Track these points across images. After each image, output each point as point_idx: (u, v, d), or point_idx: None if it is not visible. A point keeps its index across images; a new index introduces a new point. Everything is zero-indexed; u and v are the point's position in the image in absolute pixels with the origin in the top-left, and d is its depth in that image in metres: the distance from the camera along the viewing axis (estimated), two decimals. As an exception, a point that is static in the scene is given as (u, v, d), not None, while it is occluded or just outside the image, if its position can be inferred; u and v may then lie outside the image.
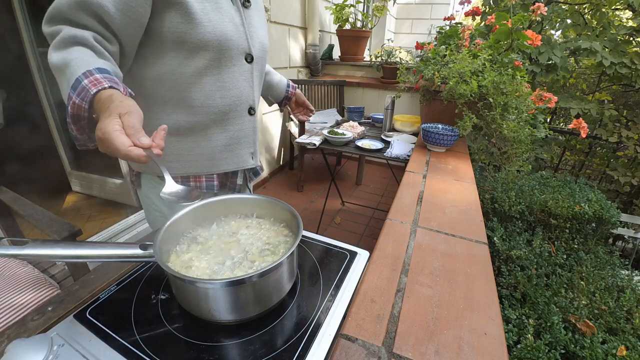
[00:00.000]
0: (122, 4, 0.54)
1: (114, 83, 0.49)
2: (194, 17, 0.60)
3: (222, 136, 0.77)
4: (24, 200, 1.11)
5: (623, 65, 1.84)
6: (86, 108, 0.48)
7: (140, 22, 0.58)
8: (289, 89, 1.09)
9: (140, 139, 0.43)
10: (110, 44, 0.58)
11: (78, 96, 0.47)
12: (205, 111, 0.72)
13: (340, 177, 3.20)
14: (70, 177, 2.33)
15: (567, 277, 0.95)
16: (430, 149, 1.32)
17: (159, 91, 0.68)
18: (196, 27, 0.61)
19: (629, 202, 2.28)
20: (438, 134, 1.25)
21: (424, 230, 0.71)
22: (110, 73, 0.51)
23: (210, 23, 0.63)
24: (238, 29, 0.69)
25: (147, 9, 0.58)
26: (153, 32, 0.62)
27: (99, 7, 0.52)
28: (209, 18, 0.63)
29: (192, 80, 0.68)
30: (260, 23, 0.77)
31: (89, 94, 0.47)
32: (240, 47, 0.70)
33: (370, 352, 0.42)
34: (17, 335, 0.45)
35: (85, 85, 0.47)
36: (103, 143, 0.43)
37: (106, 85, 0.48)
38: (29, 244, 0.40)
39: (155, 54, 0.65)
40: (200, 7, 0.62)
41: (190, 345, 0.42)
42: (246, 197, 0.62)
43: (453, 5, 4.89)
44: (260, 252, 0.52)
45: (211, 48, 0.65)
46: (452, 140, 1.26)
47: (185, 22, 0.61)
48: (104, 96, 0.47)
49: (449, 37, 1.55)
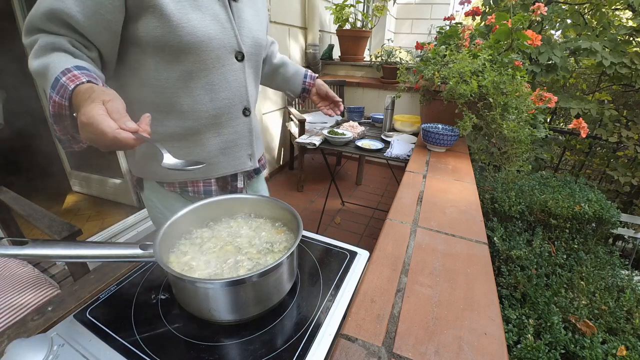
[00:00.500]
0: (91, 12, 0.54)
1: (92, 78, 0.49)
2: (170, 19, 0.57)
3: (216, 140, 0.73)
4: (24, 200, 1.11)
5: (623, 65, 1.84)
6: (66, 105, 0.48)
7: (112, 30, 0.57)
8: (306, 79, 1.01)
9: (126, 122, 0.43)
10: (89, 50, 0.57)
11: (57, 94, 0.47)
12: (196, 116, 0.69)
13: (340, 177, 3.20)
14: (70, 177, 2.33)
15: (567, 277, 0.95)
16: (430, 149, 1.32)
17: (146, 97, 0.66)
18: (174, 30, 0.58)
19: (629, 202, 2.28)
20: (438, 134, 1.24)
21: (424, 230, 0.71)
22: (88, 70, 0.51)
23: (189, 23, 0.59)
24: (224, 26, 0.64)
25: (118, 16, 0.56)
26: (132, 38, 0.60)
27: (67, 16, 0.52)
28: (187, 18, 0.59)
29: (179, 85, 0.65)
30: (253, 16, 0.72)
31: (67, 90, 0.47)
32: (227, 46, 0.66)
33: (370, 352, 0.42)
34: (17, 335, 0.45)
35: (64, 82, 0.47)
36: (88, 128, 0.42)
37: (84, 80, 0.48)
38: (29, 244, 0.40)
39: (139, 60, 0.63)
40: (177, 8, 0.58)
41: (190, 345, 0.42)
42: (246, 197, 0.62)
43: (453, 5, 4.89)
44: (260, 252, 0.52)
45: (194, 50, 0.61)
46: (452, 140, 1.26)
47: (162, 26, 0.57)
48: (83, 89, 0.47)
49: (449, 37, 1.55)
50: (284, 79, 1.00)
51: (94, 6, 0.53)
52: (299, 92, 1.02)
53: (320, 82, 1.03)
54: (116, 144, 0.43)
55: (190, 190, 0.78)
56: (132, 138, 0.43)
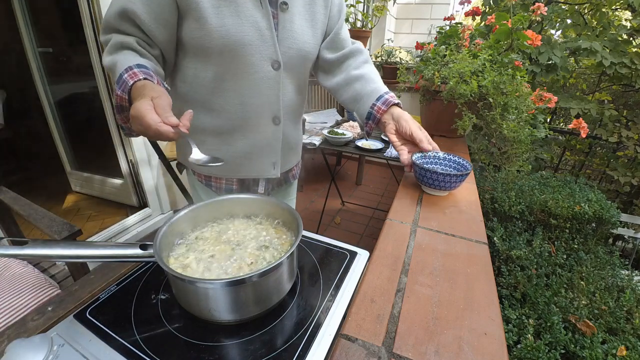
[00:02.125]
0: (154, 12, 0.61)
1: (148, 75, 0.55)
2: (207, 23, 0.61)
3: (242, 142, 0.75)
4: (24, 200, 1.11)
5: (623, 65, 1.84)
6: (126, 98, 0.55)
7: (170, 28, 0.64)
8: (377, 103, 0.77)
9: (168, 117, 0.48)
10: (152, 48, 0.65)
11: (119, 88, 0.54)
12: (226, 117, 0.73)
13: (340, 177, 3.20)
14: (70, 177, 2.33)
15: (567, 277, 0.95)
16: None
17: (187, 92, 0.72)
18: (209, 33, 0.62)
19: (629, 202, 2.28)
20: (436, 173, 0.80)
21: (424, 230, 0.71)
22: (147, 68, 0.57)
23: (224, 28, 0.62)
24: (262, 33, 0.65)
25: (174, 16, 0.63)
26: (178, 39, 0.67)
27: (135, 15, 0.60)
28: (223, 23, 0.62)
29: (213, 85, 0.69)
30: (305, 27, 0.72)
31: (127, 85, 0.54)
32: (263, 53, 0.67)
33: (370, 352, 0.42)
34: (17, 335, 0.45)
35: (125, 79, 0.54)
36: (136, 120, 0.49)
37: (141, 77, 0.54)
38: (29, 244, 0.40)
39: (181, 59, 0.70)
40: (215, 12, 0.61)
41: (190, 345, 0.42)
42: (246, 197, 0.62)
43: (453, 5, 4.88)
44: (260, 252, 0.52)
45: (226, 54, 0.64)
46: (460, 181, 0.83)
47: (200, 28, 0.62)
48: (139, 85, 0.54)
49: (449, 37, 1.55)
50: (356, 97, 0.80)
51: (155, 7, 0.60)
52: (364, 117, 0.80)
53: (400, 114, 0.78)
54: (158, 135, 0.48)
55: (213, 185, 0.82)
56: (172, 132, 0.48)
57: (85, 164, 2.30)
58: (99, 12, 1.52)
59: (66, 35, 2.00)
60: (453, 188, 0.86)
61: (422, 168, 0.82)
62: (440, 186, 0.83)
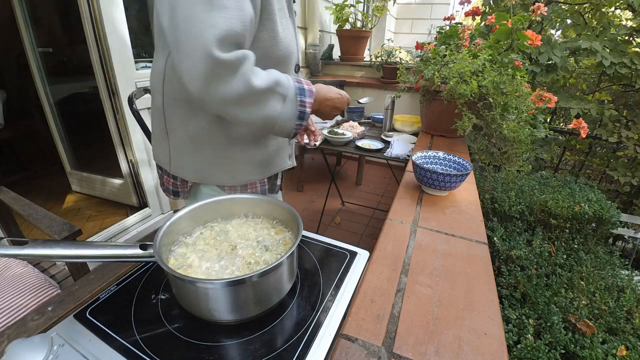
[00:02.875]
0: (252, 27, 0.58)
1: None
2: (277, 35, 0.65)
3: (273, 142, 0.81)
4: (24, 200, 1.11)
5: (623, 65, 1.84)
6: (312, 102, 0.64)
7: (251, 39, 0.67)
8: None
9: None
10: None
11: (309, 97, 0.63)
12: None
13: (340, 177, 3.20)
14: (70, 177, 2.33)
15: (567, 277, 0.95)
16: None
17: None
18: (277, 44, 0.66)
19: (629, 202, 2.28)
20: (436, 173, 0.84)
21: (424, 230, 0.71)
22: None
23: (286, 39, 0.68)
24: (296, 40, 0.74)
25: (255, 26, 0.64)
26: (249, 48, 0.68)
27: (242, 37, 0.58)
28: (285, 34, 0.67)
29: None
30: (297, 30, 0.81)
31: (313, 92, 0.64)
32: (294, 58, 0.74)
33: (370, 352, 0.42)
34: (17, 335, 0.45)
35: (307, 88, 0.63)
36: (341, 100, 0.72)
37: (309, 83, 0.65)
38: (29, 244, 0.40)
39: None
40: (281, 24, 0.66)
41: (190, 345, 0.42)
42: (246, 197, 0.62)
43: (453, 5, 4.89)
44: (260, 252, 0.52)
45: (282, 62, 0.70)
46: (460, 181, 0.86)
47: (270, 39, 0.65)
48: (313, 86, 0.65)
49: (449, 37, 1.55)
50: None
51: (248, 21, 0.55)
52: None
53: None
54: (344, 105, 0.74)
55: (250, 192, 0.82)
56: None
57: (85, 164, 2.29)
58: (99, 12, 1.52)
59: (66, 35, 2.00)
60: (453, 188, 0.88)
61: (422, 168, 0.84)
62: (440, 186, 0.85)
